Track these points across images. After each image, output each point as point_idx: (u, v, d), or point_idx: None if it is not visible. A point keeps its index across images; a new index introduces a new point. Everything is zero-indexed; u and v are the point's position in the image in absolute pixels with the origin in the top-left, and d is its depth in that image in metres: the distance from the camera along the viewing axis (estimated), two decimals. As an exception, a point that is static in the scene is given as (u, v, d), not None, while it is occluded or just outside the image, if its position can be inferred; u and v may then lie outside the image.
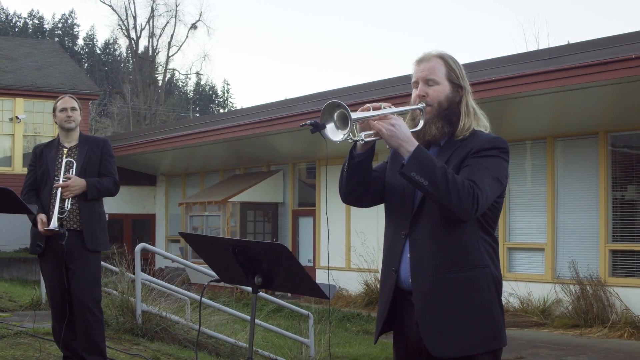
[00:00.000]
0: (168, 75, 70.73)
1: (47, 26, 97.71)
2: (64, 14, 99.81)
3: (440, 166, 3.94)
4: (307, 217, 26.33)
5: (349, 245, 23.90)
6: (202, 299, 11.88)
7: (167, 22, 63.43)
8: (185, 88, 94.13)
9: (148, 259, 26.85)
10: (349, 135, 3.94)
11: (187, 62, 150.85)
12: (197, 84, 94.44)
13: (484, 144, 4.16)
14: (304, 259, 26.28)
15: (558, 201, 19.15)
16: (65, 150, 7.92)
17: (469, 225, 4.08)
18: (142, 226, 33.68)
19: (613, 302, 17.08)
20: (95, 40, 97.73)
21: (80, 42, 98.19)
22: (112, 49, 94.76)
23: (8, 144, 31.40)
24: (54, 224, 7.51)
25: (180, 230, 30.84)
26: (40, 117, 32.11)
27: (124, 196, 31.53)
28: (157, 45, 63.95)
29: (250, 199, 27.13)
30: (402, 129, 3.99)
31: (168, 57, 64.07)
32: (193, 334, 11.64)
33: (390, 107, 4.11)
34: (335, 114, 3.95)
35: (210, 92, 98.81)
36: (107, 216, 8.33)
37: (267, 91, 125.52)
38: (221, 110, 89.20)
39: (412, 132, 4.17)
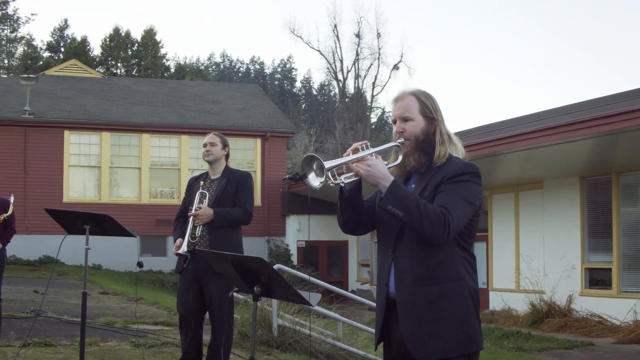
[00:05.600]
0: (375, 113, 71.79)
1: (267, 71, 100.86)
2: (283, 59, 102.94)
3: (413, 198, 4.19)
4: (480, 242, 26.24)
5: (518, 269, 23.72)
6: (331, 312, 12.35)
7: (371, 64, 64.35)
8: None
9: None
10: (328, 180, 4.19)
11: (390, 100, 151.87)
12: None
13: (457, 170, 4.36)
14: (479, 281, 26.17)
15: None
16: (202, 183, 8.31)
17: (445, 243, 4.30)
18: (337, 252, 34.31)
19: None
20: (311, 82, 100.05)
21: (298, 84, 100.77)
22: (327, 90, 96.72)
23: (214, 178, 32.72)
24: (183, 248, 7.93)
25: (369, 257, 31.61)
26: (243, 154, 33.35)
27: (320, 224, 32.29)
28: (362, 86, 65.07)
29: (428, 226, 27.28)
30: (378, 168, 4.25)
31: (372, 96, 65.11)
32: (325, 346, 12.04)
33: (368, 149, 4.36)
34: (314, 164, 4.22)
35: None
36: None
37: (473, 123, 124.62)
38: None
39: (393, 165, 4.47)
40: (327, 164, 4.17)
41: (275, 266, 12.35)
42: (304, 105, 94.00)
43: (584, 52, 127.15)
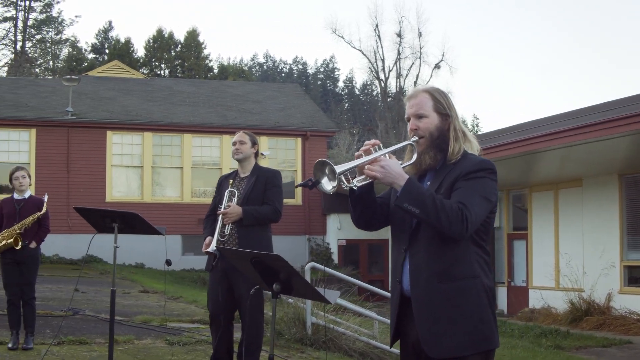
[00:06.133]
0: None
1: (310, 71, 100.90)
2: (325, 59, 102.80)
3: (429, 194, 4.16)
4: (520, 240, 26.12)
5: (557, 267, 23.54)
6: (366, 310, 12.29)
7: (413, 63, 64.35)
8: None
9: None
10: (341, 184, 4.20)
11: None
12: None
13: (472, 166, 4.33)
14: (518, 280, 26.08)
15: None
16: (231, 181, 8.28)
17: (461, 240, 4.26)
18: (377, 250, 34.14)
19: None
20: (354, 82, 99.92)
21: (340, 84, 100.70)
22: (369, 90, 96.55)
23: (254, 177, 32.77)
24: (212, 247, 7.89)
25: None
26: (283, 153, 33.37)
27: (358, 223, 32.15)
28: (404, 85, 64.98)
29: (468, 224, 27.11)
30: (392, 168, 4.21)
31: (414, 95, 65.09)
32: (359, 344, 12.02)
33: (381, 149, 4.33)
34: (326, 169, 4.21)
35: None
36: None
37: (512, 121, 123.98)
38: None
39: (408, 164, 4.44)
40: (339, 169, 4.15)
41: (308, 264, 12.36)
42: (346, 105, 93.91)
43: (621, 50, 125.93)
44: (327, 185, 4.22)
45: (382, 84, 65.15)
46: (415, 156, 4.45)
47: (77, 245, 28.47)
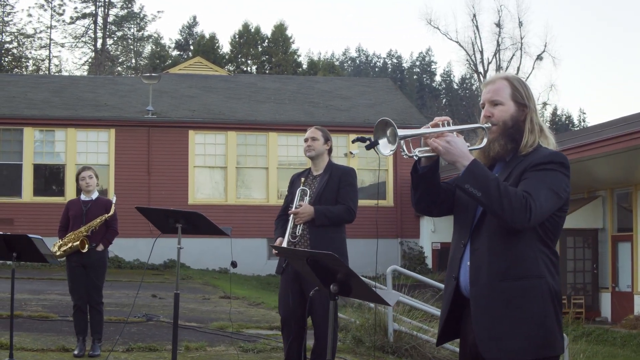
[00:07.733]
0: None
1: (405, 65, 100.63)
2: (421, 52, 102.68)
3: (493, 178, 4.13)
4: (625, 242, 25.65)
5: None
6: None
7: (513, 55, 63.68)
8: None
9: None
10: (401, 151, 4.21)
11: (533, 92, 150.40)
12: (554, 113, 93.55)
13: (543, 158, 4.28)
14: (623, 285, 25.63)
15: None
16: (303, 180, 8.33)
17: (526, 236, 4.21)
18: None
19: None
20: (452, 76, 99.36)
21: (437, 78, 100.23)
22: (468, 84, 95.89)
23: (342, 177, 32.73)
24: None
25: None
26: (373, 152, 33.23)
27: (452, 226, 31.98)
28: (504, 78, 64.45)
29: (570, 225, 26.75)
30: (457, 146, 4.20)
31: (515, 88, 64.53)
32: (444, 352, 11.95)
33: (449, 126, 4.31)
34: (388, 131, 4.22)
35: (567, 122, 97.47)
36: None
37: (619, 114, 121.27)
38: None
39: (475, 149, 4.41)
40: (401, 132, 4.14)
41: (389, 268, 12.31)
42: (444, 100, 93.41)
43: None
44: (385, 148, 4.24)
45: (481, 77, 64.58)
46: (485, 141, 4.43)
47: (158, 249, 28.59)
